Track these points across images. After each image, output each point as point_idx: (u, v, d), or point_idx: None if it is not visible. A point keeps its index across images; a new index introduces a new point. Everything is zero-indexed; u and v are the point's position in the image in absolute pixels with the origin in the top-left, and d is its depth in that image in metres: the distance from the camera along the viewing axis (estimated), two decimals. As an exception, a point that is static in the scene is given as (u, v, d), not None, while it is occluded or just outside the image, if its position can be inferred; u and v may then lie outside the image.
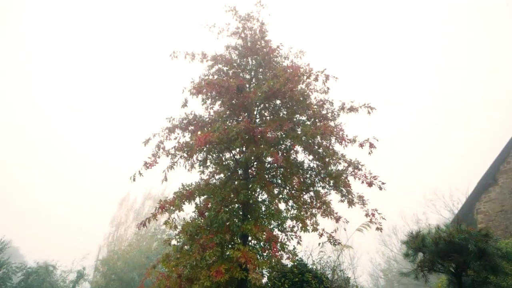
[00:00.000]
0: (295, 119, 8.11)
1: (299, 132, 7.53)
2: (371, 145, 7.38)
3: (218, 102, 8.63)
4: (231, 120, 8.29)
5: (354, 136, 7.61)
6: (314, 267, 7.58)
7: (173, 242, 7.87)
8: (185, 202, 7.25)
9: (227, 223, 6.95)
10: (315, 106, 8.08)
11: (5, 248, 14.12)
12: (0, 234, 14.21)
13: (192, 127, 8.16)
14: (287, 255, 7.44)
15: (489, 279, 5.70)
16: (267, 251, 7.17)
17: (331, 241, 7.93)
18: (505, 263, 5.63)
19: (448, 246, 5.46)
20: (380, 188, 7.29)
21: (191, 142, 7.41)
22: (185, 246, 7.27)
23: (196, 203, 7.43)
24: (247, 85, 8.44)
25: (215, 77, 8.56)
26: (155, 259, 8.20)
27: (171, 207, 6.95)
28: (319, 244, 8.34)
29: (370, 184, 7.32)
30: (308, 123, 7.97)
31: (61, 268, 14.94)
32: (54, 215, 53.63)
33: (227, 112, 8.36)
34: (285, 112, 8.35)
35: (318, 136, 7.50)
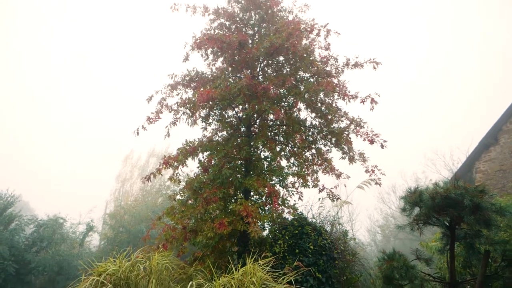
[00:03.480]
0: (298, 76, 8.02)
1: (302, 89, 7.48)
2: (373, 101, 7.37)
3: (220, 59, 8.51)
4: (233, 77, 8.21)
5: (356, 92, 7.58)
6: (314, 220, 7.87)
7: (178, 197, 8.13)
8: (189, 158, 7.40)
9: (230, 179, 7.13)
10: (319, 63, 7.95)
11: (16, 202, 14.67)
12: (10, 189, 14.82)
13: (194, 84, 8.11)
14: (288, 210, 7.71)
15: (481, 233, 5.92)
16: (268, 206, 7.42)
17: (331, 196, 8.17)
18: (499, 217, 5.82)
19: (444, 201, 5.61)
20: (382, 146, 7.37)
21: (193, 99, 7.40)
22: (189, 201, 7.53)
23: (199, 159, 7.59)
24: (250, 41, 8.25)
25: (217, 32, 8.36)
26: (161, 213, 8.52)
27: (175, 163, 7.11)
28: (319, 199, 8.61)
29: (371, 142, 7.39)
30: (312, 80, 7.89)
31: (70, 221, 15.59)
32: (61, 171, 54.83)
33: (229, 69, 8.26)
34: (288, 69, 8.24)
35: (321, 93, 7.47)
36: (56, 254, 12.72)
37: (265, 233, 7.68)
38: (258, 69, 8.29)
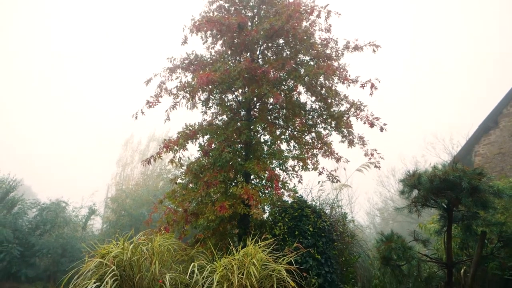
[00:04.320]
0: (298, 59, 7.96)
1: (302, 72, 7.43)
2: (373, 86, 7.34)
3: (220, 42, 8.42)
4: (233, 60, 8.15)
5: (357, 76, 7.54)
6: (313, 203, 7.97)
7: (179, 180, 8.20)
8: (189, 141, 7.44)
9: (230, 162, 7.18)
10: (319, 46, 7.87)
11: (18, 186, 14.80)
12: (11, 174, 14.93)
13: (194, 67, 8.06)
14: (288, 193, 7.78)
15: (478, 214, 6.01)
16: (268, 189, 7.50)
17: (331, 178, 8.23)
18: (496, 199, 5.90)
19: (443, 183, 5.67)
20: (382, 129, 7.38)
21: (192, 82, 7.37)
22: (190, 184, 7.60)
23: (200, 143, 7.62)
24: (249, 23, 8.15)
25: (216, 14, 8.24)
26: (162, 196, 8.62)
27: (175, 146, 7.14)
28: (318, 182, 8.69)
29: (371, 125, 7.39)
30: (312, 63, 7.83)
31: (72, 205, 15.75)
32: (61, 155, 54.96)
33: (229, 52, 8.19)
34: (288, 52, 8.17)
35: (321, 76, 7.43)
36: (60, 237, 12.91)
37: (265, 215, 7.79)
38: (257, 52, 8.22)
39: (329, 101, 7.85)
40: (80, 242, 12.98)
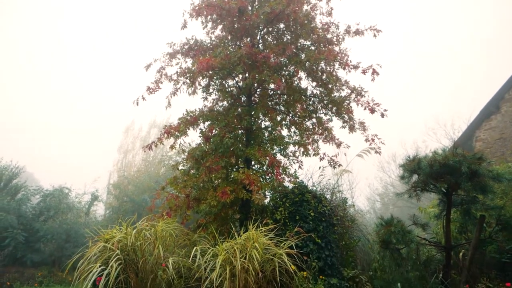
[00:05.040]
0: (299, 44, 7.89)
1: (303, 58, 7.38)
2: (374, 72, 7.30)
3: (219, 27, 8.33)
4: (233, 45, 8.08)
5: (358, 62, 7.49)
6: (314, 188, 8.02)
7: (180, 167, 8.25)
8: (190, 127, 7.45)
9: (232, 148, 7.21)
10: (320, 30, 7.79)
11: (21, 173, 14.89)
12: (13, 161, 15.02)
13: (194, 53, 7.99)
14: (289, 178, 7.83)
15: (477, 198, 6.07)
16: (269, 174, 7.55)
17: (332, 163, 8.27)
18: (495, 184, 5.95)
19: (442, 168, 5.71)
20: (382, 115, 7.38)
21: (193, 68, 7.33)
22: (192, 170, 7.65)
23: (201, 129, 7.63)
24: (250, 7, 8.04)
25: (216, -2, 8.12)
26: (164, 183, 8.69)
27: (176, 132, 7.16)
28: (319, 167, 8.72)
29: (372, 111, 7.39)
30: (313, 48, 7.77)
31: (75, 191, 15.89)
32: (62, 142, 55.12)
33: (229, 37, 8.11)
34: (288, 37, 8.09)
35: (322, 62, 7.38)
36: (63, 222, 13.06)
37: (266, 201, 7.86)
38: (258, 37, 8.14)
39: (330, 86, 7.82)
40: (83, 227, 13.15)
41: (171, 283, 5.60)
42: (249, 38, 7.91)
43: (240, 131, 7.87)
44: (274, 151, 7.85)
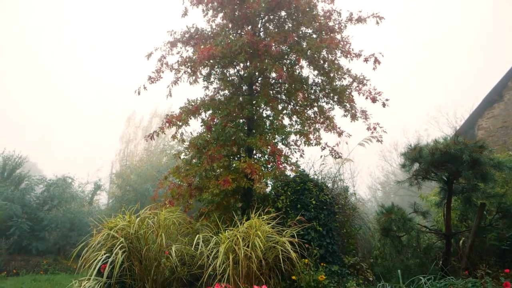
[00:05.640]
0: (300, 32, 7.83)
1: (304, 46, 7.33)
2: (376, 60, 7.25)
3: (220, 15, 8.26)
4: (234, 34, 8.03)
5: (360, 50, 7.44)
6: (316, 177, 8.06)
7: (182, 155, 8.30)
8: (191, 117, 7.46)
9: (233, 137, 7.23)
10: (322, 18, 7.72)
11: (24, 163, 15.00)
12: (17, 150, 15.11)
13: (194, 41, 7.96)
14: (290, 167, 7.87)
15: (478, 187, 6.09)
16: (271, 163, 7.58)
17: (333, 154, 8.29)
18: (497, 172, 5.96)
19: (444, 156, 5.71)
20: (384, 105, 7.37)
21: (194, 57, 7.30)
22: (194, 160, 7.69)
23: (202, 118, 7.65)
24: (251, -5, 7.96)
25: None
26: (166, 172, 8.74)
27: (178, 122, 7.18)
28: (321, 156, 8.77)
29: (374, 100, 7.37)
30: (314, 36, 7.71)
31: (78, 181, 16.02)
32: (65, 132, 55.21)
33: (230, 25, 8.05)
34: (290, 25, 8.02)
35: (324, 50, 7.34)
36: (67, 212, 13.21)
37: (268, 189, 7.92)
38: (259, 25, 8.08)
39: (332, 75, 7.79)
40: (87, 216, 13.30)
41: (175, 270, 5.69)
42: (250, 26, 7.85)
43: (241, 120, 7.88)
44: (276, 140, 7.86)
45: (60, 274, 10.77)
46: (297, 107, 8.31)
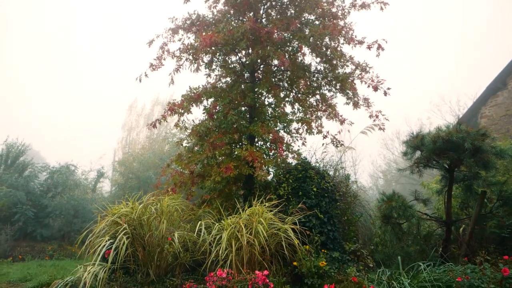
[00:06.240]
0: (303, 19, 7.74)
1: (307, 33, 7.26)
2: (380, 47, 7.18)
3: (222, 1, 8.17)
4: (236, 20, 7.94)
5: (363, 37, 7.36)
6: (317, 165, 8.08)
7: (184, 142, 8.32)
8: (193, 104, 7.44)
9: (235, 125, 7.24)
10: (325, 4, 7.62)
11: (27, 150, 15.09)
12: (19, 138, 15.18)
13: (196, 28, 7.88)
14: (292, 155, 7.89)
15: (479, 174, 6.11)
16: (273, 151, 7.60)
17: (335, 142, 8.30)
18: (498, 160, 5.96)
19: (446, 144, 5.71)
20: (385, 94, 7.32)
21: (195, 44, 7.24)
22: (196, 147, 7.72)
23: (204, 106, 7.64)
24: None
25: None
26: (168, 160, 8.78)
27: (180, 109, 7.17)
28: (322, 144, 8.77)
29: (375, 89, 7.33)
30: (317, 23, 7.62)
31: (81, 168, 16.15)
32: (67, 120, 55.28)
33: (232, 11, 7.96)
34: (292, 11, 7.92)
35: (327, 37, 7.26)
36: (71, 199, 13.35)
37: (270, 177, 7.95)
38: (261, 12, 7.99)
39: (334, 62, 7.73)
40: (90, 203, 13.44)
41: (178, 256, 5.78)
42: (252, 13, 7.76)
43: (243, 108, 7.87)
44: (278, 128, 7.87)
45: (65, 259, 10.95)
46: (299, 95, 8.28)
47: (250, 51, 7.57)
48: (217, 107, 7.25)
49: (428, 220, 7.06)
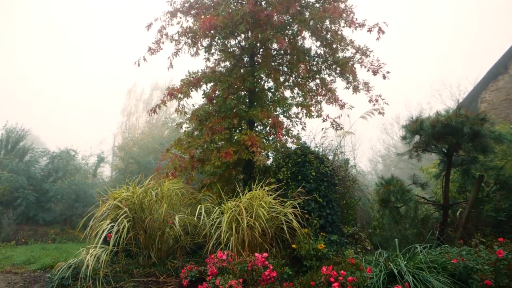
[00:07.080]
0: (303, 2, 7.62)
1: (307, 16, 7.17)
2: (380, 30, 7.10)
3: (221, -17, 8.02)
4: (235, 3, 7.83)
5: (364, 20, 7.27)
6: (316, 149, 8.11)
7: (184, 126, 8.30)
8: (193, 89, 7.42)
9: (235, 109, 7.23)
10: (326, -14, 7.50)
11: (27, 135, 15.10)
12: (19, 123, 15.17)
13: (195, 11, 7.78)
14: (291, 139, 7.93)
15: (477, 159, 6.14)
16: (272, 136, 7.63)
17: (334, 125, 8.31)
18: (497, 145, 5.98)
19: (445, 129, 5.72)
20: (384, 77, 7.31)
21: (194, 27, 7.16)
22: (195, 132, 7.73)
23: (204, 90, 7.61)
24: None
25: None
26: (168, 145, 8.81)
27: (179, 94, 7.15)
28: (322, 129, 8.76)
29: (375, 73, 7.32)
30: (317, 5, 7.52)
31: (81, 153, 16.22)
32: (66, 105, 55.04)
33: (231, -6, 7.84)
34: (293, -7, 7.80)
35: (327, 20, 7.18)
36: (72, 183, 13.44)
37: (269, 161, 8.00)
38: (261, -6, 7.86)
39: (335, 46, 7.66)
40: (91, 188, 13.54)
41: (178, 239, 5.88)
42: (251, -5, 7.64)
43: (243, 93, 7.85)
44: (277, 113, 7.86)
45: (67, 243, 11.12)
46: (299, 79, 8.24)
47: (249, 34, 7.49)
48: (217, 92, 7.22)
49: (425, 204, 7.13)
